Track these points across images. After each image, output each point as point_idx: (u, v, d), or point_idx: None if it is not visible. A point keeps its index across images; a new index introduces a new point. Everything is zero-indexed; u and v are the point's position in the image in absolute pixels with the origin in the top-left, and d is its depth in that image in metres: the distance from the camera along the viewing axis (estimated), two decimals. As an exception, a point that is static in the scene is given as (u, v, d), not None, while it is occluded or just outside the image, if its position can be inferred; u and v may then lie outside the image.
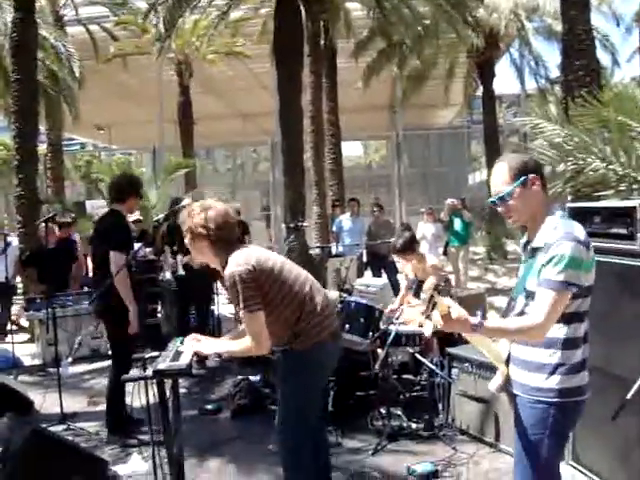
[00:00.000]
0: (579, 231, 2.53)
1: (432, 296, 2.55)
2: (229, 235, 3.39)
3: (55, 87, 16.63)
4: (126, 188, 5.55)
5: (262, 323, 3.25)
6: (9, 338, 8.21)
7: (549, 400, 2.54)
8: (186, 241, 3.45)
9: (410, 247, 6.05)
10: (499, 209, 2.70)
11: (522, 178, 2.59)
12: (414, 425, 5.18)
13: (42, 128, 16.23)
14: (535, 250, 2.60)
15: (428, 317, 2.61)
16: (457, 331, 2.72)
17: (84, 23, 18.13)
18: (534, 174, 2.61)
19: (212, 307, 8.29)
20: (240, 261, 3.26)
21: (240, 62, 19.52)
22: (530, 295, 2.58)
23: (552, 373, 2.54)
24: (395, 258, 6.74)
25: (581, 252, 2.46)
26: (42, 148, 16.31)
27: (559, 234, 2.49)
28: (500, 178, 2.64)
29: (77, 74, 16.41)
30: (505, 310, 2.79)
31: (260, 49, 17.05)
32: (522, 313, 2.62)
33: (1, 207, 32.52)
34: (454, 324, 2.45)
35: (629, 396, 2.75)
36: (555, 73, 18.68)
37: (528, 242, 2.70)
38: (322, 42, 15.32)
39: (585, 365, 2.59)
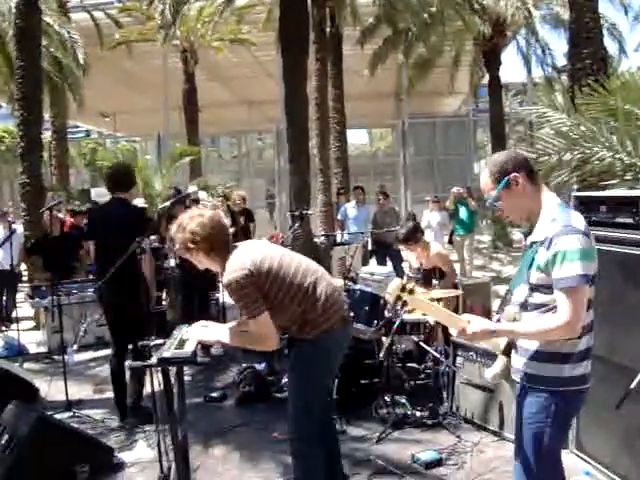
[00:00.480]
0: (577, 221, 2.52)
1: (398, 296, 2.64)
2: (219, 241, 3.34)
3: (59, 74, 16.58)
4: (128, 177, 5.59)
5: (268, 323, 3.24)
6: (14, 325, 8.25)
7: (552, 389, 2.55)
8: (185, 256, 3.46)
9: (413, 237, 6.05)
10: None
11: (504, 180, 2.61)
12: (418, 413, 5.19)
13: (46, 115, 16.22)
14: (534, 243, 2.60)
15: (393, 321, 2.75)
16: (480, 340, 2.80)
17: (88, 10, 18.07)
18: (515, 172, 2.61)
19: (217, 294, 8.29)
20: (236, 266, 3.22)
21: (245, 49, 19.46)
22: (535, 288, 2.57)
23: (555, 362, 2.54)
24: (400, 247, 6.77)
25: (586, 242, 2.46)
26: (46, 135, 16.31)
27: (557, 227, 2.48)
28: (486, 186, 2.70)
29: (81, 61, 16.34)
30: (501, 304, 2.80)
31: (265, 36, 16.97)
32: (525, 303, 2.62)
33: (6, 194, 32.60)
34: (475, 337, 2.57)
35: (633, 385, 2.75)
36: (562, 61, 18.54)
37: (529, 234, 2.70)
38: (328, 29, 15.25)
39: (589, 354, 2.59)
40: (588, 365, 2.59)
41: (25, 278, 11.26)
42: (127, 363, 5.10)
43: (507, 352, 2.80)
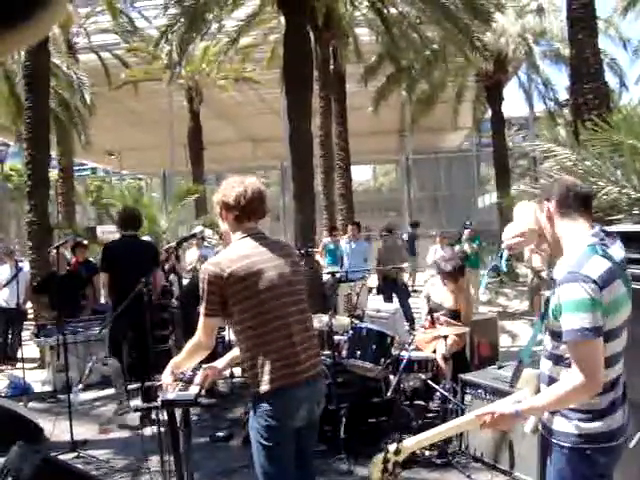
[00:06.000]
0: (591, 269, 2.33)
1: (384, 468, 2.49)
2: (236, 216, 3.11)
3: (66, 114, 16.78)
4: (139, 217, 6.57)
5: (209, 328, 3.05)
6: (19, 364, 8.20)
7: (570, 445, 2.42)
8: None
9: (460, 272, 6.21)
10: None
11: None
12: (427, 452, 5.11)
13: (53, 154, 16.35)
14: (554, 281, 2.48)
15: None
16: (504, 428, 2.66)
17: (96, 51, 18.40)
18: (546, 200, 2.57)
19: (222, 332, 8.25)
20: (217, 259, 3.09)
21: (250, 87, 19.71)
22: (557, 335, 2.43)
23: (572, 418, 2.42)
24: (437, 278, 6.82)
25: (589, 292, 2.28)
26: (53, 173, 16.43)
27: (564, 272, 2.37)
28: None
29: (88, 101, 16.55)
30: (512, 379, 2.72)
31: (270, 74, 17.21)
32: (554, 355, 2.49)
33: (13, 232, 32.70)
34: (496, 426, 2.47)
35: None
36: (563, 95, 18.71)
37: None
38: (331, 67, 15.43)
39: (614, 409, 2.42)
40: (614, 420, 2.42)
41: (31, 316, 11.24)
42: (133, 404, 5.09)
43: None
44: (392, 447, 2.45)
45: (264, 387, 2.91)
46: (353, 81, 17.20)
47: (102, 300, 9.16)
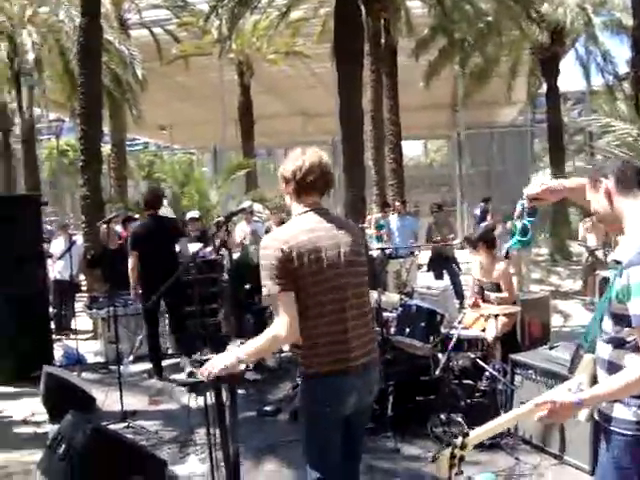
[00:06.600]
0: None
1: (452, 464, 2.34)
2: (294, 190, 2.93)
3: (119, 89, 17.00)
4: (161, 198, 7.93)
5: (290, 303, 2.74)
6: (73, 335, 8.40)
7: (629, 433, 2.32)
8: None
9: (486, 238, 6.09)
10: None
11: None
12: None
13: (106, 129, 16.60)
14: (617, 262, 2.37)
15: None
16: (569, 417, 2.52)
17: (148, 26, 18.52)
18: (604, 177, 2.45)
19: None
20: (276, 234, 2.93)
21: (300, 62, 19.59)
22: (619, 318, 2.32)
23: (631, 405, 2.32)
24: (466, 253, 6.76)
25: None
26: (106, 148, 16.69)
27: (632, 253, 2.24)
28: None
29: (140, 76, 16.71)
30: (570, 366, 2.59)
31: (320, 49, 17.05)
32: (616, 338, 2.37)
33: (67, 206, 33.50)
34: (555, 416, 2.34)
35: None
36: (623, 69, 18.05)
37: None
38: (382, 41, 15.21)
39: None
40: None
41: (84, 289, 11.49)
42: (179, 378, 5.19)
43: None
44: (458, 441, 2.36)
45: (313, 370, 2.81)
46: (404, 55, 16.92)
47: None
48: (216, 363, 2.83)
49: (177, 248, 7.39)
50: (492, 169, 28.98)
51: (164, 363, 7.47)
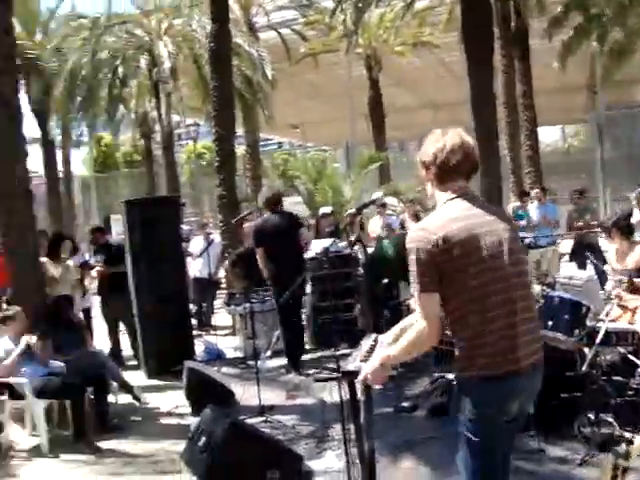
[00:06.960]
0: None
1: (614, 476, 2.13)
2: (436, 175, 2.69)
3: (250, 90, 17.46)
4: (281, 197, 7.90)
5: (434, 304, 2.53)
6: (213, 331, 8.68)
7: None
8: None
9: (622, 223, 5.72)
10: None
11: None
12: (628, 434, 4.65)
13: (240, 131, 17.09)
14: None
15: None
16: None
17: (275, 28, 18.89)
18: None
19: (409, 302, 8.12)
20: (423, 224, 2.66)
21: (429, 52, 19.30)
22: None
23: None
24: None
25: None
26: (241, 149, 17.18)
27: None
28: None
29: (270, 77, 17.07)
30: None
31: (448, 37, 16.68)
32: None
33: (206, 206, 34.90)
34: None
35: None
36: None
37: None
38: (512, 24, 14.67)
39: None
40: None
41: (223, 286, 11.85)
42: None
43: None
44: (621, 450, 2.13)
45: (474, 373, 2.54)
46: (535, 36, 16.22)
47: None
48: (374, 374, 2.68)
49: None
50: (636, 152, 27.19)
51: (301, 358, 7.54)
